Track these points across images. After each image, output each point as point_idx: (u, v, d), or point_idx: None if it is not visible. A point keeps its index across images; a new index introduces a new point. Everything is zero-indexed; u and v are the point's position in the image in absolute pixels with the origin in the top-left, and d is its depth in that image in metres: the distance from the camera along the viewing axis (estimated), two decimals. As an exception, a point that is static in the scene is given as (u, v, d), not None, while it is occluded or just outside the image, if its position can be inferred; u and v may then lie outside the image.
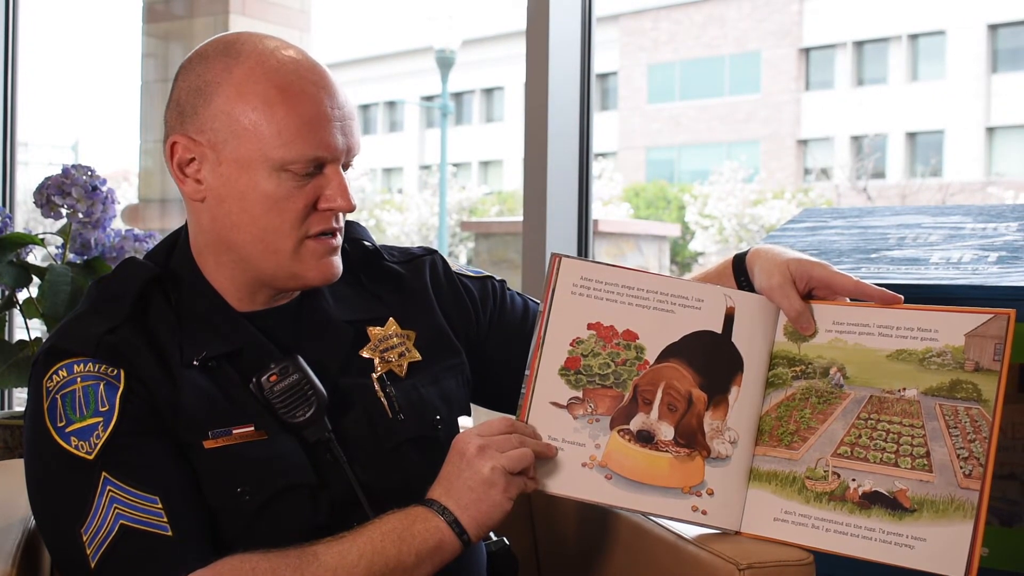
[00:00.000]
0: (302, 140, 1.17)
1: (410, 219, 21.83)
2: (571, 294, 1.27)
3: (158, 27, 4.78)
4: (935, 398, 1.14)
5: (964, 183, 19.65)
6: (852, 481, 1.14)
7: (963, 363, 1.14)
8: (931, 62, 21.51)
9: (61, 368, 1.16)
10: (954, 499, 1.08)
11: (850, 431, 1.17)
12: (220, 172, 1.20)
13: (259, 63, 1.19)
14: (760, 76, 23.31)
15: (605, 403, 1.24)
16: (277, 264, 1.21)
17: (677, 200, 20.82)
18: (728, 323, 1.27)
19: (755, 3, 23.28)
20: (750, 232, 18.21)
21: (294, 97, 1.17)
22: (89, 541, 1.10)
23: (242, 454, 1.18)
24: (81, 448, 1.12)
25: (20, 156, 3.28)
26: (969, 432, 1.11)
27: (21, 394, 2.93)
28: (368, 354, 1.30)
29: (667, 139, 24.41)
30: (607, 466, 1.22)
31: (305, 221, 1.20)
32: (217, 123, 1.19)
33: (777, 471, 1.20)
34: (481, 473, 1.16)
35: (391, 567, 1.12)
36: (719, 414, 1.24)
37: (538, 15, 2.36)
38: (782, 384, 1.24)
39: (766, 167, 22.30)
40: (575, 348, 1.26)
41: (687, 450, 1.22)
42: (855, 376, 1.20)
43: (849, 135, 21.92)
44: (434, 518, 1.16)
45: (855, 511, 1.13)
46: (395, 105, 28.50)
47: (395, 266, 1.39)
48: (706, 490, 1.21)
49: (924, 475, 1.11)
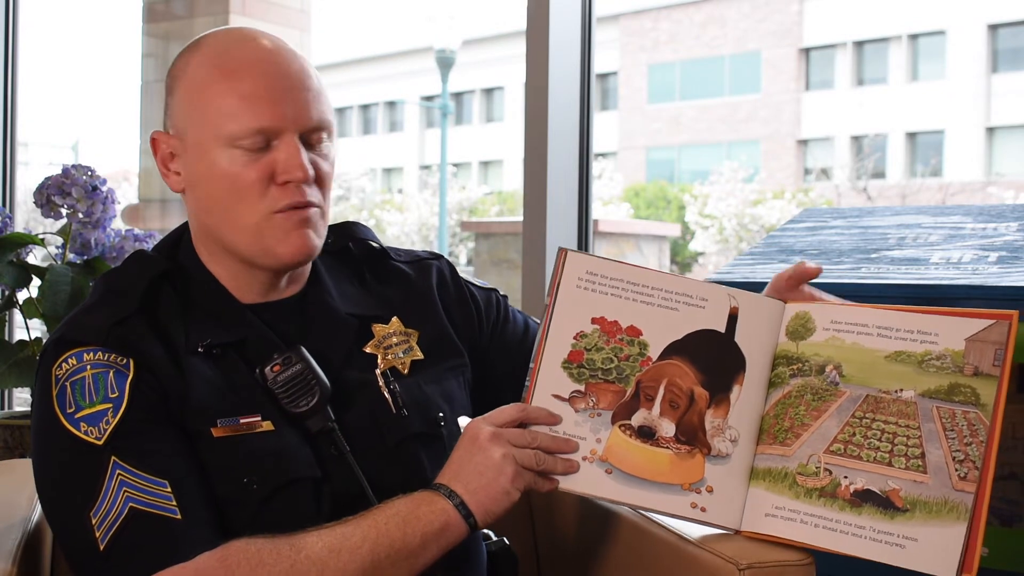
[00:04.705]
0: (244, 113, 1.19)
1: (410, 219, 21.83)
2: (576, 288, 1.27)
3: (158, 27, 4.78)
4: (932, 400, 1.13)
5: (964, 183, 19.66)
6: (844, 479, 1.14)
7: (962, 367, 1.13)
8: (931, 62, 21.52)
9: (71, 357, 1.17)
10: (948, 501, 1.08)
11: (844, 429, 1.17)
12: (187, 160, 1.24)
13: (211, 49, 1.23)
14: (760, 76, 23.31)
15: (607, 398, 1.24)
16: (249, 242, 1.22)
17: (677, 200, 20.83)
18: (732, 323, 1.27)
19: (755, 3, 23.28)
20: (750, 232, 18.21)
21: (233, 74, 1.20)
22: (98, 524, 1.10)
23: (250, 444, 1.19)
24: (91, 434, 1.13)
25: (20, 156, 3.27)
26: (966, 435, 1.10)
27: (21, 394, 2.93)
28: (371, 350, 1.31)
29: (667, 139, 24.42)
30: (608, 461, 1.22)
31: (266, 196, 1.21)
32: (180, 113, 1.24)
33: (771, 468, 1.19)
34: (493, 458, 1.16)
35: (396, 548, 1.12)
36: (720, 413, 1.24)
37: (538, 15, 2.36)
38: (780, 383, 1.24)
39: (766, 167, 22.30)
40: (579, 342, 1.26)
41: (688, 447, 1.22)
42: (851, 375, 1.19)
43: (849, 135, 21.92)
44: (440, 500, 1.16)
45: (846, 508, 1.12)
46: (395, 105, 28.51)
47: (401, 266, 1.40)
48: (706, 487, 1.21)
49: (918, 476, 1.10)
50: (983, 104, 20.80)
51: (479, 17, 28.86)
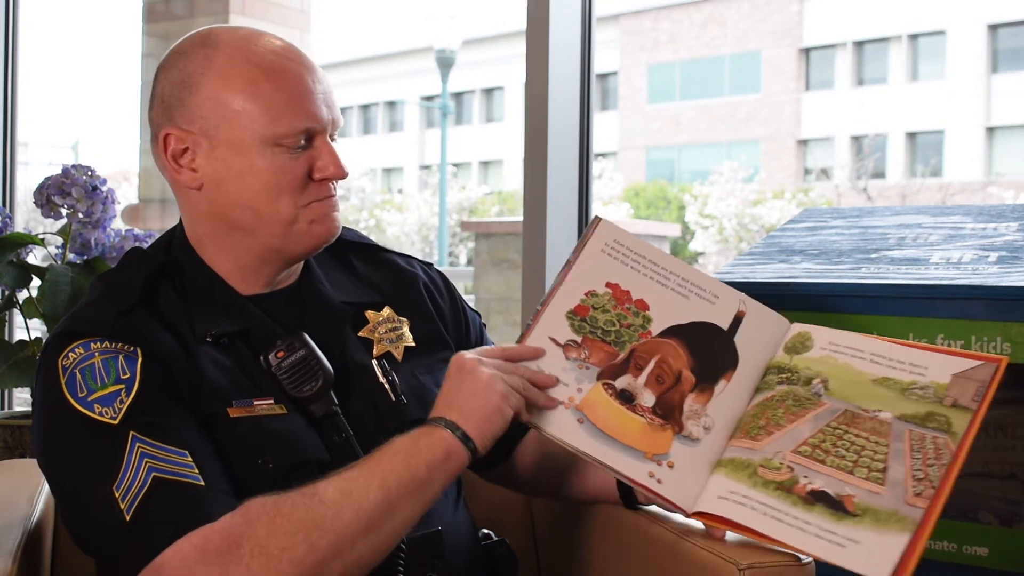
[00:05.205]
0: (290, 114, 1.23)
1: (410, 219, 21.82)
2: (600, 252, 1.32)
3: (158, 27, 4.79)
4: (908, 424, 1.16)
5: (964, 183, 19.66)
6: (804, 478, 1.15)
7: (943, 398, 1.16)
8: (931, 62, 21.52)
9: (78, 347, 1.18)
10: (897, 512, 1.09)
11: (816, 434, 1.19)
12: (215, 157, 1.24)
13: (238, 48, 1.25)
14: (760, 76, 23.31)
15: (599, 355, 1.27)
16: (281, 232, 1.26)
17: (677, 200, 20.83)
18: (735, 324, 1.31)
19: (755, 3, 23.28)
20: (750, 232, 18.22)
21: (277, 75, 1.23)
22: (122, 496, 1.10)
23: (264, 425, 1.21)
24: (105, 414, 1.13)
25: (20, 156, 3.27)
26: (930, 457, 1.12)
27: (21, 394, 2.92)
28: (366, 335, 1.34)
29: (667, 139, 24.42)
30: (583, 411, 1.23)
31: (304, 192, 1.25)
32: (206, 110, 1.23)
33: (736, 458, 1.21)
34: (481, 379, 1.19)
35: (404, 483, 1.13)
36: (702, 399, 1.26)
37: (538, 15, 2.36)
38: (767, 388, 1.27)
39: (766, 167, 22.30)
40: (588, 299, 1.30)
41: (662, 421, 1.24)
42: (836, 390, 1.22)
43: (849, 135, 21.93)
44: (438, 430, 1.17)
45: (798, 504, 1.14)
46: (395, 105, 28.51)
47: (391, 256, 1.45)
48: (667, 462, 1.22)
49: (875, 487, 1.12)
50: (983, 104, 20.80)
51: (479, 17, 28.87)
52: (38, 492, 1.46)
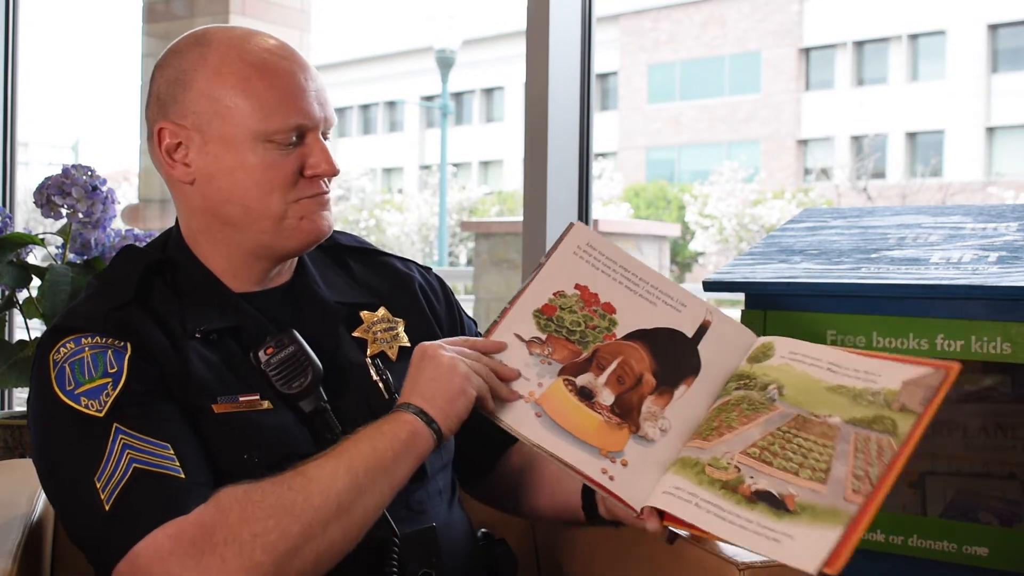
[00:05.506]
0: (282, 111, 1.24)
1: (410, 219, 21.83)
2: (572, 254, 1.34)
3: (158, 27, 4.79)
4: (855, 427, 1.17)
5: (964, 183, 19.67)
6: (750, 478, 1.16)
7: (891, 403, 1.18)
8: (931, 62, 21.53)
9: (69, 341, 1.20)
10: (835, 508, 1.11)
11: (766, 437, 1.20)
12: (207, 152, 1.26)
13: (231, 47, 1.27)
14: (760, 76, 23.32)
15: (562, 353, 1.28)
16: (270, 229, 1.27)
17: (677, 200, 20.84)
18: (700, 332, 1.33)
19: (755, 3, 23.29)
20: (750, 232, 18.23)
21: (269, 72, 1.25)
22: (103, 487, 1.12)
23: (250, 421, 1.22)
24: (91, 407, 1.15)
25: (20, 156, 3.27)
26: (872, 457, 1.14)
27: (21, 394, 2.93)
28: (360, 334, 1.35)
29: (667, 139, 24.43)
30: (541, 405, 1.24)
31: (294, 188, 1.27)
32: (199, 106, 1.25)
33: (686, 457, 1.23)
34: (442, 363, 1.21)
35: (370, 465, 1.15)
36: (661, 402, 1.27)
37: (538, 15, 2.36)
38: (724, 394, 1.28)
39: (766, 167, 22.31)
40: (556, 299, 1.31)
41: (619, 420, 1.25)
42: (790, 396, 1.23)
43: (849, 135, 21.94)
44: (401, 414, 1.20)
45: (741, 503, 1.15)
46: (395, 105, 28.52)
47: (388, 259, 1.46)
48: (621, 460, 1.23)
49: (817, 486, 1.13)
50: (983, 104, 20.81)
51: (479, 17, 28.89)
52: (38, 492, 1.46)
